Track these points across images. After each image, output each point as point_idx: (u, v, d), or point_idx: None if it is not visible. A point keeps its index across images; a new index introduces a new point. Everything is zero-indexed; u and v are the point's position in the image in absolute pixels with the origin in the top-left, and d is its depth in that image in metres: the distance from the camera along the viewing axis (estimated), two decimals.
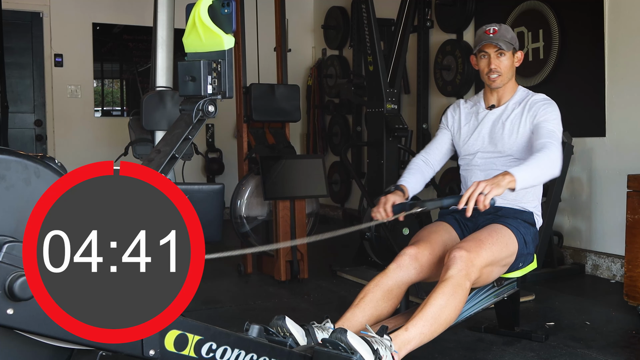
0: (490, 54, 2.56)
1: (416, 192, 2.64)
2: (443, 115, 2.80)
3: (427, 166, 2.73)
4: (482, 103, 2.70)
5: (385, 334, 1.94)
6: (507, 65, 2.57)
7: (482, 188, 2.14)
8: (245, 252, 1.82)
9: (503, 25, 2.60)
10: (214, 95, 1.74)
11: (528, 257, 2.52)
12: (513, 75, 2.63)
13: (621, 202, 3.17)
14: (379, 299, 2.26)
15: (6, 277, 1.23)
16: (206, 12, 1.71)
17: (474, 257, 2.22)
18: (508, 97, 2.63)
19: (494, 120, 2.60)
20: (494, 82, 2.58)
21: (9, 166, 1.29)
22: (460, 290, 2.15)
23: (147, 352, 1.41)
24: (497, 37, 2.53)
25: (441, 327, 2.12)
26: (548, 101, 2.57)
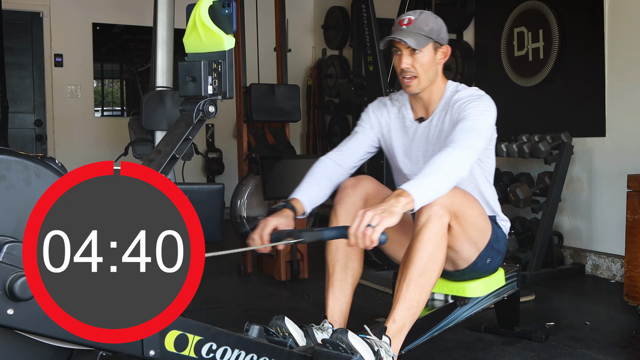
0: (402, 50, 2.15)
1: (318, 203, 2.23)
2: (364, 112, 2.41)
3: (337, 169, 2.31)
4: (409, 111, 2.31)
5: (384, 335, 1.93)
6: (424, 65, 2.14)
7: (369, 219, 1.74)
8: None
9: (425, 12, 2.19)
10: (215, 96, 1.74)
11: (497, 256, 2.29)
12: (437, 75, 2.21)
13: (621, 202, 3.17)
14: (346, 260, 2.16)
15: (6, 277, 1.23)
16: (207, 13, 1.71)
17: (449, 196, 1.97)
18: (436, 103, 2.23)
19: (425, 136, 2.25)
20: (409, 87, 2.18)
21: (9, 166, 1.29)
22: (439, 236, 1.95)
23: (147, 353, 1.41)
24: (410, 31, 2.12)
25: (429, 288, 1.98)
26: (472, 97, 2.15)
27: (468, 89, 2.22)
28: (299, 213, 2.14)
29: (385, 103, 2.38)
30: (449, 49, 2.22)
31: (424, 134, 2.25)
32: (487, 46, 4.76)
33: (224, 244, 3.05)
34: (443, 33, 2.19)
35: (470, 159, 2.00)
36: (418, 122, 2.28)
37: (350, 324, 2.18)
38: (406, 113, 2.32)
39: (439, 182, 1.91)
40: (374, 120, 2.37)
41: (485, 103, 2.13)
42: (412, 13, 2.17)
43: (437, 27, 2.17)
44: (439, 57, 2.19)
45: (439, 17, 2.21)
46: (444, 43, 2.19)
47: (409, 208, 1.82)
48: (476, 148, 2.03)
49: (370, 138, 2.37)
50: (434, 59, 2.17)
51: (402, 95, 2.35)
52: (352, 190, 2.21)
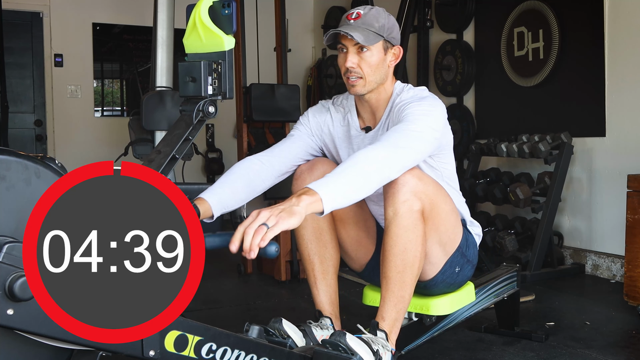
0: (349, 48, 1.93)
1: (230, 208, 1.93)
2: (303, 116, 2.19)
3: (263, 173, 2.04)
4: (355, 119, 2.09)
5: (378, 330, 1.91)
6: (372, 65, 1.93)
7: (264, 218, 1.49)
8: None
9: (377, 8, 1.97)
10: (215, 96, 1.75)
11: (466, 266, 2.11)
12: (386, 78, 2.00)
13: (621, 202, 3.17)
14: (322, 251, 2.08)
15: (6, 278, 1.23)
16: (207, 13, 1.72)
17: (422, 184, 1.81)
18: (383, 109, 2.02)
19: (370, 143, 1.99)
20: (353, 87, 1.96)
21: (9, 166, 1.29)
22: (413, 222, 1.80)
23: (147, 353, 1.41)
24: (357, 25, 1.90)
25: (413, 279, 1.87)
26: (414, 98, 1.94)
27: (412, 89, 2.02)
28: (205, 216, 1.86)
29: (328, 108, 2.16)
30: (400, 51, 2.02)
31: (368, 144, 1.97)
32: (487, 46, 4.76)
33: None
34: (395, 32, 1.99)
35: (402, 160, 1.75)
36: (364, 131, 2.07)
37: (350, 324, 2.18)
38: (352, 121, 2.10)
39: (357, 181, 1.64)
40: (314, 125, 2.15)
41: (427, 103, 1.90)
42: (362, 7, 1.95)
43: (389, 24, 1.96)
44: (390, 59, 1.99)
45: (391, 15, 2.01)
46: (395, 43, 1.99)
47: (316, 209, 1.56)
48: (411, 149, 1.78)
49: (307, 144, 2.13)
50: (383, 59, 1.97)
51: (348, 99, 2.14)
52: (309, 175, 2.01)
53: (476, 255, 2.15)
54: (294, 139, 2.13)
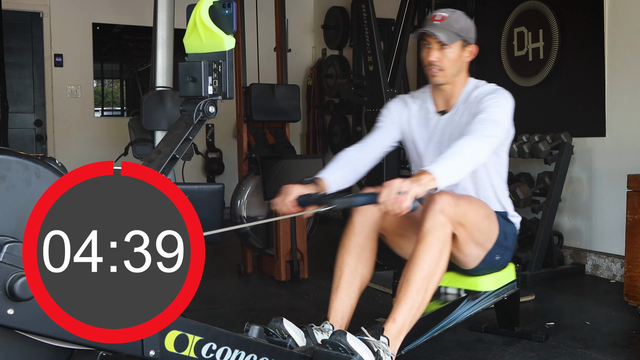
0: (432, 44, 2.26)
1: (341, 187, 2.24)
2: (384, 108, 2.49)
3: (360, 160, 2.37)
4: (431, 104, 2.40)
5: (381, 335, 1.93)
6: (451, 59, 2.26)
7: (398, 187, 1.82)
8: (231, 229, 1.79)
9: (457, 12, 2.30)
10: (215, 96, 1.74)
11: (506, 253, 2.35)
12: (461, 71, 2.32)
13: (621, 202, 3.17)
14: (356, 265, 2.19)
15: (6, 278, 1.23)
16: (207, 13, 1.71)
17: (452, 204, 2.05)
18: (456, 97, 2.34)
19: (444, 128, 2.33)
20: (434, 77, 2.29)
21: (10, 166, 1.29)
22: (442, 243, 2.01)
23: (147, 353, 1.41)
24: (442, 26, 2.23)
25: (430, 292, 2.03)
26: (493, 92, 2.25)
27: (488, 85, 2.32)
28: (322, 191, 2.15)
29: (406, 100, 2.47)
30: (476, 49, 2.33)
31: (444, 126, 2.33)
32: (487, 46, 4.76)
33: (224, 244, 3.05)
34: (472, 33, 2.31)
35: (488, 147, 2.09)
36: (440, 114, 2.36)
37: (350, 327, 2.18)
38: (428, 105, 2.40)
39: (458, 165, 2.00)
40: (394, 115, 2.44)
41: (503, 97, 2.22)
42: (445, 11, 2.29)
43: (467, 26, 2.29)
44: (466, 55, 2.30)
45: (469, 18, 2.33)
46: (471, 42, 2.31)
47: (433, 186, 1.90)
48: (493, 137, 2.11)
49: (390, 132, 2.43)
50: (460, 55, 2.28)
51: (424, 92, 2.45)
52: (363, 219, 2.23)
53: (515, 241, 2.40)
54: (381, 129, 2.44)
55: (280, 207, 2.07)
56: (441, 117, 2.36)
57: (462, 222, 2.10)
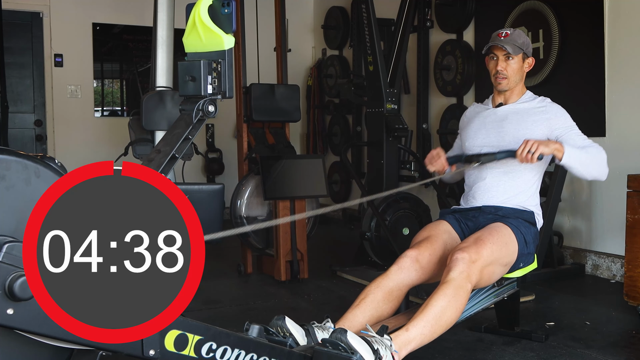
0: (499, 57, 2.62)
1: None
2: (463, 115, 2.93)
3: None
4: (490, 104, 2.78)
5: (385, 334, 1.94)
6: (514, 69, 2.63)
7: (530, 146, 2.33)
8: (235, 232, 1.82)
9: (517, 30, 2.67)
10: (214, 95, 1.74)
11: (529, 257, 2.52)
12: (522, 79, 2.70)
13: (621, 202, 3.17)
14: (380, 300, 2.27)
15: (6, 277, 1.23)
16: (206, 12, 1.71)
17: (475, 259, 2.23)
18: (516, 99, 2.70)
19: (500, 115, 2.66)
20: (500, 84, 2.65)
21: (9, 166, 1.29)
22: (462, 292, 2.16)
23: (147, 352, 1.41)
24: (507, 41, 2.59)
25: (442, 328, 2.12)
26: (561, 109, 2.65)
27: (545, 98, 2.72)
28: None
29: (473, 105, 2.90)
30: (533, 61, 2.71)
31: (498, 113, 2.68)
32: None
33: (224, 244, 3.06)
34: (530, 48, 2.66)
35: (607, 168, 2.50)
36: (497, 107, 2.72)
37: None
38: (488, 104, 2.78)
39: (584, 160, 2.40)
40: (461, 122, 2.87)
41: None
42: (508, 29, 2.65)
43: (527, 42, 2.65)
44: (525, 66, 2.68)
45: (527, 36, 2.74)
46: (530, 55, 2.67)
47: (558, 155, 2.36)
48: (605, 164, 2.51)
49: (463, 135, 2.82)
50: (521, 66, 2.66)
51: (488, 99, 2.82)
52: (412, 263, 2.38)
53: (537, 239, 2.59)
54: (460, 135, 2.86)
55: (435, 166, 2.65)
56: (497, 109, 2.70)
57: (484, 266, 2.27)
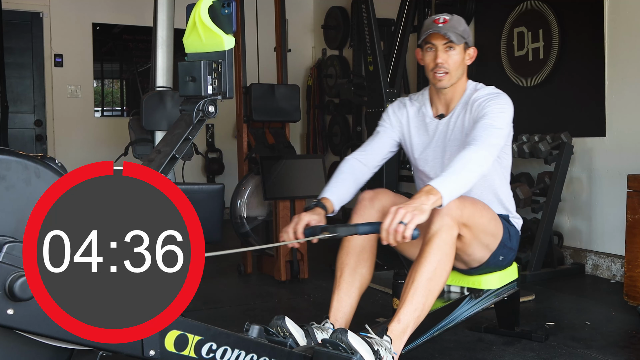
0: (438, 47, 2.25)
1: (346, 201, 2.33)
2: (384, 113, 2.50)
3: (362, 168, 2.40)
4: (429, 109, 2.39)
5: (385, 334, 1.93)
6: (456, 61, 2.26)
7: (401, 216, 1.86)
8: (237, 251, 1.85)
9: (455, 16, 2.31)
10: (214, 96, 1.74)
11: (510, 253, 2.37)
12: (463, 74, 2.34)
13: (621, 202, 3.17)
14: (356, 265, 2.21)
15: (6, 278, 1.23)
16: (206, 13, 1.71)
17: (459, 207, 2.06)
18: (457, 101, 2.33)
19: (444, 132, 2.33)
20: (440, 81, 2.27)
21: (9, 166, 1.29)
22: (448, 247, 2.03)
23: (147, 353, 1.41)
24: (447, 28, 2.23)
25: (434, 295, 2.03)
26: (491, 95, 2.25)
27: (486, 87, 2.33)
28: (330, 211, 2.24)
29: (405, 103, 2.47)
30: (475, 51, 2.36)
31: (443, 130, 2.34)
32: (487, 46, 4.76)
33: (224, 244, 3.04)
34: (470, 37, 2.33)
35: (492, 156, 2.11)
36: (438, 118, 2.37)
37: (350, 324, 2.18)
38: (426, 111, 2.40)
39: (465, 178, 2.01)
40: (394, 119, 2.45)
41: (503, 101, 2.23)
42: (446, 15, 2.28)
43: (467, 30, 2.31)
44: (467, 58, 2.33)
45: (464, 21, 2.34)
46: (471, 45, 2.34)
47: (438, 204, 1.94)
48: (496, 145, 2.14)
49: (391, 137, 2.45)
50: (463, 58, 2.30)
51: (422, 94, 2.45)
52: (370, 203, 2.28)
53: (518, 241, 2.41)
54: (380, 135, 2.46)
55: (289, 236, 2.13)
56: (439, 122, 2.36)
57: (467, 224, 2.11)
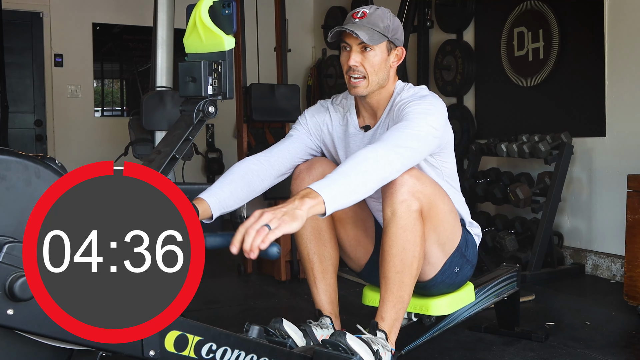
0: (352, 46, 1.93)
1: (230, 208, 1.92)
2: (301, 116, 2.18)
3: (262, 173, 2.03)
4: (354, 117, 2.08)
5: (377, 330, 1.91)
6: (375, 64, 1.93)
7: (266, 220, 1.50)
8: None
9: (382, 8, 1.97)
10: (215, 96, 1.74)
11: (466, 266, 2.11)
12: (388, 79, 1.99)
13: (621, 202, 3.17)
14: (321, 250, 2.09)
15: (6, 278, 1.23)
16: (207, 13, 1.71)
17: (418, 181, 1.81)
18: (382, 109, 2.02)
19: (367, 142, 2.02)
20: (356, 88, 1.95)
21: (9, 167, 1.29)
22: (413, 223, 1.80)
23: (147, 353, 1.41)
24: (363, 25, 1.90)
25: (412, 280, 1.88)
26: (414, 97, 1.94)
27: (412, 88, 2.02)
28: (204, 217, 1.85)
29: (327, 107, 2.16)
30: (403, 52, 2.03)
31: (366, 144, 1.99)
32: (487, 46, 4.76)
33: None
34: (399, 34, 1.99)
35: (401, 159, 1.75)
36: (363, 130, 2.06)
37: (350, 324, 2.18)
38: (350, 119, 2.09)
39: (357, 182, 1.64)
40: (312, 125, 2.14)
41: (427, 102, 1.90)
42: (368, 7, 1.95)
43: (394, 25, 1.97)
44: (392, 60, 1.99)
45: (396, 17, 2.01)
46: (399, 44, 1.99)
47: (318, 211, 1.56)
48: (409, 149, 1.77)
49: (305, 144, 2.13)
50: (386, 60, 1.97)
51: (347, 98, 2.13)
52: (308, 174, 2.03)
53: (476, 255, 2.16)
54: (293, 139, 2.13)
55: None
56: (365, 134, 2.05)
57: (428, 204, 1.85)
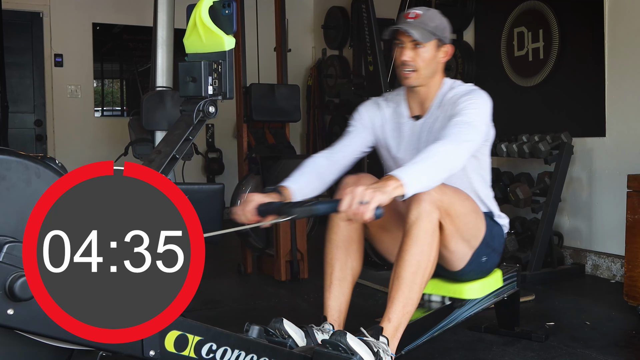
0: (405, 43, 2.14)
1: (307, 196, 2.14)
2: (356, 112, 2.36)
3: (329, 167, 2.25)
4: (405, 108, 2.28)
5: (381, 335, 1.93)
6: (426, 59, 2.13)
7: (360, 195, 1.70)
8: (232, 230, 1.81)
9: (432, 10, 2.19)
10: (215, 96, 1.74)
11: (493, 255, 2.26)
12: (436, 72, 2.19)
13: (621, 202, 3.17)
14: (345, 259, 2.15)
15: (6, 278, 1.23)
16: (207, 13, 1.71)
17: (439, 192, 1.95)
18: (431, 100, 2.21)
19: (418, 134, 2.22)
20: (407, 79, 2.16)
21: (10, 166, 1.29)
22: (429, 233, 1.94)
23: (147, 353, 1.41)
24: (416, 24, 2.11)
25: (422, 285, 1.97)
26: (467, 92, 2.14)
27: (464, 85, 2.20)
28: (287, 200, 2.05)
29: (379, 103, 2.34)
30: (451, 49, 2.21)
31: (417, 132, 2.22)
32: (487, 46, 4.76)
33: (224, 244, 3.06)
34: (447, 32, 2.19)
35: (464, 153, 1.97)
36: (414, 119, 2.25)
37: (350, 324, 2.18)
38: (402, 111, 2.28)
39: (430, 171, 1.87)
40: (366, 119, 2.32)
41: (480, 98, 2.10)
42: (420, 9, 2.17)
43: (442, 25, 2.18)
44: (441, 56, 2.18)
45: (445, 17, 2.21)
46: (446, 42, 2.18)
47: (399, 193, 1.77)
48: (470, 142, 2.00)
49: (363, 138, 2.32)
50: (435, 56, 2.16)
51: (398, 94, 2.33)
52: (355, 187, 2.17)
53: (502, 243, 2.31)
54: (352, 135, 2.32)
55: (240, 216, 2.00)
56: (415, 123, 2.24)
57: (449, 211, 2.00)
